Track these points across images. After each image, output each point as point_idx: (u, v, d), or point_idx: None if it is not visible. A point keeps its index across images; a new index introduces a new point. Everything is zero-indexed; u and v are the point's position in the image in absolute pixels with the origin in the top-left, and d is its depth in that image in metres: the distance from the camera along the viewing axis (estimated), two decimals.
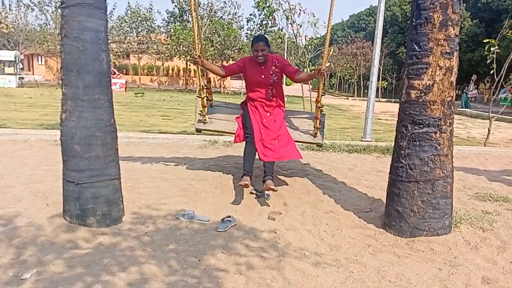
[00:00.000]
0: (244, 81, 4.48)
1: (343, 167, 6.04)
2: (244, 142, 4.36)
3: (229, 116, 4.92)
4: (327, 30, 4.11)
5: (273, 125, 4.23)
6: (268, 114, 4.32)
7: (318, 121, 4.60)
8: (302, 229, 3.61)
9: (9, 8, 31.42)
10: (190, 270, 2.77)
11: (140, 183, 4.69)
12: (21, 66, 27.75)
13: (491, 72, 8.84)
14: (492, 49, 8.47)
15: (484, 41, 8.92)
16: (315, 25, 8.63)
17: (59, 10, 3.32)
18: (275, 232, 3.48)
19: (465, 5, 27.52)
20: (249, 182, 3.97)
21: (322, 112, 4.67)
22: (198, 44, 4.24)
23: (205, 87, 4.72)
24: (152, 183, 4.71)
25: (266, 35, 29.81)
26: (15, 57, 23.41)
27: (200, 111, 4.77)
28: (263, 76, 4.27)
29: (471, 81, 24.74)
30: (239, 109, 4.82)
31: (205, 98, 4.70)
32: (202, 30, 13.59)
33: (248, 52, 29.56)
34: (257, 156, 4.29)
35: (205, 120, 4.72)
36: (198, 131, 4.91)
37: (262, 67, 4.26)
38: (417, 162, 3.44)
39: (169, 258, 2.92)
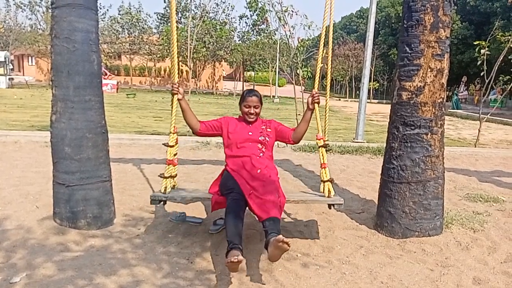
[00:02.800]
0: (223, 142, 3.44)
1: (335, 168, 6.05)
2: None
3: (198, 189, 3.59)
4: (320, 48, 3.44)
5: (268, 179, 3.09)
6: (259, 171, 3.15)
7: (325, 171, 3.40)
8: (294, 230, 3.61)
9: None
10: (182, 273, 2.75)
11: (131, 185, 4.66)
12: (11, 67, 27.46)
13: (481, 73, 8.93)
14: (482, 51, 8.55)
15: (475, 43, 9.00)
16: (309, 28, 8.65)
17: (50, 11, 3.28)
18: None
19: (455, 7, 27.79)
20: (241, 258, 2.54)
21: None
22: (176, 69, 3.38)
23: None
24: (144, 185, 4.68)
25: (258, 36, 29.88)
26: (5, 58, 23.16)
27: (160, 174, 3.32)
28: (250, 133, 3.36)
29: (461, 83, 24.99)
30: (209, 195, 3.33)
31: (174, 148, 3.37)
32: (194, 30, 13.52)
33: (241, 52, 29.55)
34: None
35: (166, 187, 3.26)
36: (155, 202, 3.20)
37: (250, 125, 3.40)
38: (408, 163, 3.45)
39: (161, 261, 2.91)
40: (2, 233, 3.19)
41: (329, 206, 3.47)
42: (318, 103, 3.41)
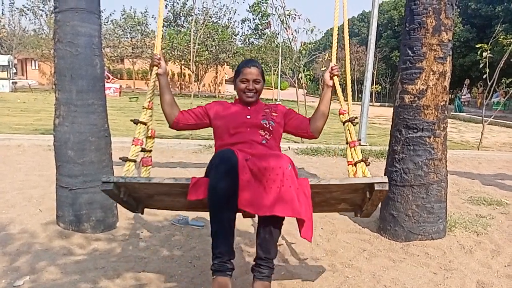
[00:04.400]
0: (213, 134, 2.63)
1: (338, 171, 6.05)
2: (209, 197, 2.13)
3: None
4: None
5: (279, 154, 2.23)
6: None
7: (356, 150, 2.53)
8: (297, 233, 3.58)
9: (2, 13, 31.32)
10: (185, 276, 2.75)
11: None
12: (15, 71, 27.59)
13: (484, 76, 8.92)
14: (484, 54, 8.55)
15: (477, 46, 9.00)
16: (311, 32, 8.74)
17: (53, 15, 3.30)
18: None
19: (458, 10, 27.80)
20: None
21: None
22: (159, 40, 2.70)
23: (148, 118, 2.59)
24: None
25: (261, 39, 29.85)
26: (8, 62, 23.25)
27: (122, 157, 2.46)
28: (248, 117, 2.53)
29: (464, 86, 24.94)
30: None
31: (146, 130, 2.62)
32: (197, 35, 13.51)
33: (243, 55, 29.54)
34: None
35: (128, 169, 2.47)
36: (107, 185, 2.23)
37: (248, 107, 2.59)
38: (411, 167, 3.45)
39: (164, 264, 2.91)
40: (5, 237, 3.20)
41: (369, 192, 2.22)
42: (338, 75, 2.68)
